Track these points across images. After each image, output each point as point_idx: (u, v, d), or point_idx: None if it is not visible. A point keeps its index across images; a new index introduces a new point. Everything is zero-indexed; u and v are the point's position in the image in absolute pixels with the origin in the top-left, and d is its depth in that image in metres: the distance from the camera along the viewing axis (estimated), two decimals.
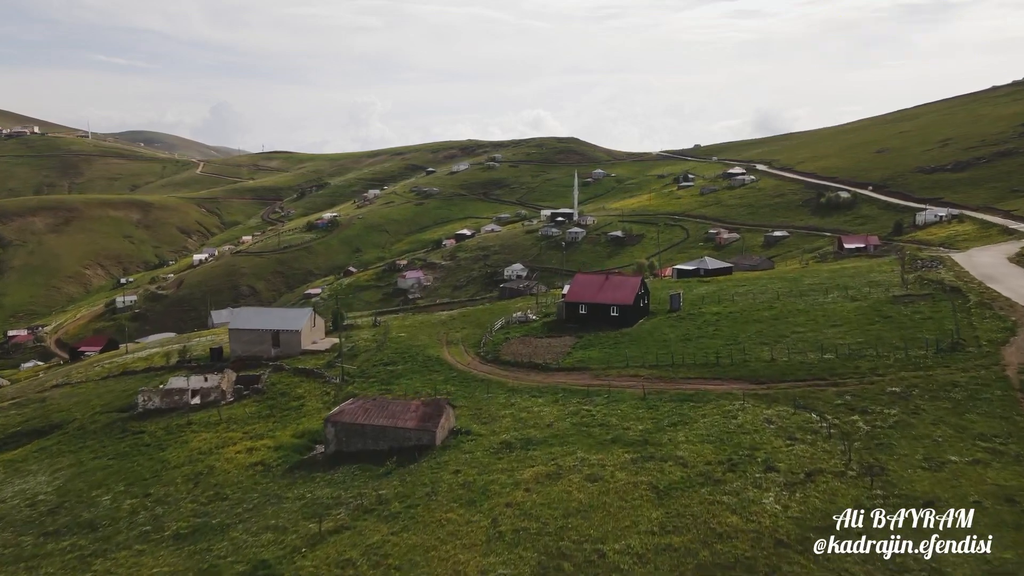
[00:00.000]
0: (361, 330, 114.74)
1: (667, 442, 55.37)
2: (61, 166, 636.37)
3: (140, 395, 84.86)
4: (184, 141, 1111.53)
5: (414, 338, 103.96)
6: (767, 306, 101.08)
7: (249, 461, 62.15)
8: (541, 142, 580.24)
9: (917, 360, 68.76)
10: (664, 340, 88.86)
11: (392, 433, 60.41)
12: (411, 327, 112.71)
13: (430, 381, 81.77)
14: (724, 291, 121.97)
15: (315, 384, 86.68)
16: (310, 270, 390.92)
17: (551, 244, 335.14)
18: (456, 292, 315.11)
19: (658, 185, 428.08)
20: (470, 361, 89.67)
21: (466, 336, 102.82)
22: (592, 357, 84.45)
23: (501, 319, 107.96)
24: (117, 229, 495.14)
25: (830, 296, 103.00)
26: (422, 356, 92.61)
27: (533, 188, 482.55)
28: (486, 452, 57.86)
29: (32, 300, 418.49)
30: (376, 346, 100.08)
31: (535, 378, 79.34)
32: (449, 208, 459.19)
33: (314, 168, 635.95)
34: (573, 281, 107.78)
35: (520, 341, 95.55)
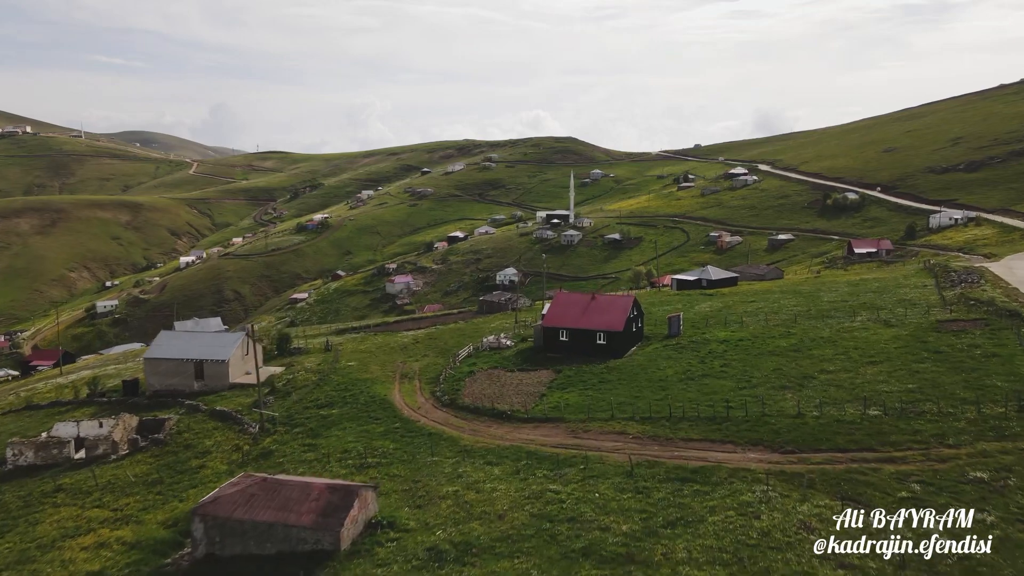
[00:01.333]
0: (309, 356, 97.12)
1: (660, 559, 37.73)
2: (52, 166, 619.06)
3: (9, 448, 67.32)
4: (182, 141, 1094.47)
5: (365, 368, 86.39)
6: (784, 331, 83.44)
7: (87, 570, 44.59)
8: (538, 142, 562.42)
9: (997, 422, 51.20)
10: (660, 378, 71.13)
11: (282, 532, 42.87)
12: (366, 353, 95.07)
13: (366, 434, 64.12)
14: (731, 308, 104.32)
15: (230, 433, 69.11)
16: (298, 274, 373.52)
17: (546, 247, 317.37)
18: (446, 297, 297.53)
19: (658, 186, 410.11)
20: (422, 403, 71.98)
21: (426, 367, 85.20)
22: (570, 402, 66.73)
23: (469, 345, 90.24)
24: (105, 231, 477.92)
25: (858, 319, 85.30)
26: (366, 395, 74.94)
27: (530, 189, 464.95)
28: (407, 564, 40.26)
29: (13, 304, 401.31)
30: (317, 379, 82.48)
31: (496, 432, 61.66)
32: (443, 209, 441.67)
33: (309, 168, 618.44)
34: (554, 300, 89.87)
35: (487, 376, 77.91)
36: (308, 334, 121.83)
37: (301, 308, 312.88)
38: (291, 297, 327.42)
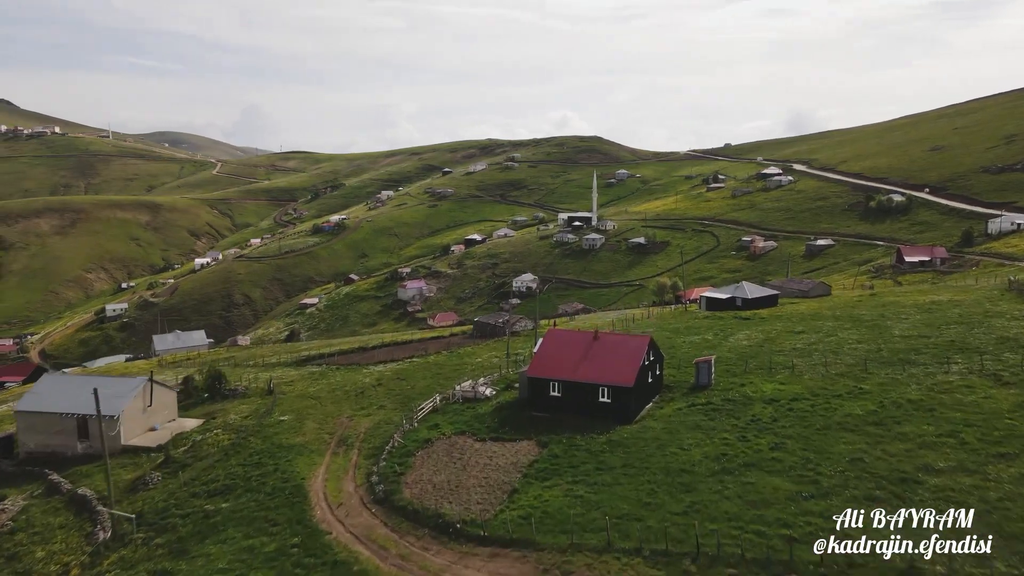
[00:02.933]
0: (245, 400, 76.22)
1: None
2: (78, 166, 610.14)
3: None
4: (211, 142, 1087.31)
5: (299, 426, 65.20)
6: (852, 386, 60.50)
7: None
8: (562, 141, 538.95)
9: None
10: (683, 466, 48.71)
11: None
12: (312, 400, 73.81)
13: (247, 556, 42.76)
14: (775, 342, 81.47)
15: (76, 537, 48.37)
16: (311, 277, 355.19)
17: (566, 252, 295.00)
18: (460, 305, 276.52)
19: (686, 187, 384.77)
20: (348, 496, 50.31)
21: (375, 428, 63.65)
22: (551, 508, 44.61)
23: (436, 396, 68.42)
24: (124, 231, 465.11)
25: (954, 370, 62.12)
26: (279, 477, 53.65)
27: (553, 189, 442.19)
28: None
29: (28, 306, 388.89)
30: (231, 443, 61.45)
31: (431, 566, 39.93)
32: (463, 210, 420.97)
33: (331, 168, 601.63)
34: (544, 340, 67.30)
35: (447, 448, 56.09)
36: (266, 359, 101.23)
37: (310, 314, 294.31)
38: (301, 302, 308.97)
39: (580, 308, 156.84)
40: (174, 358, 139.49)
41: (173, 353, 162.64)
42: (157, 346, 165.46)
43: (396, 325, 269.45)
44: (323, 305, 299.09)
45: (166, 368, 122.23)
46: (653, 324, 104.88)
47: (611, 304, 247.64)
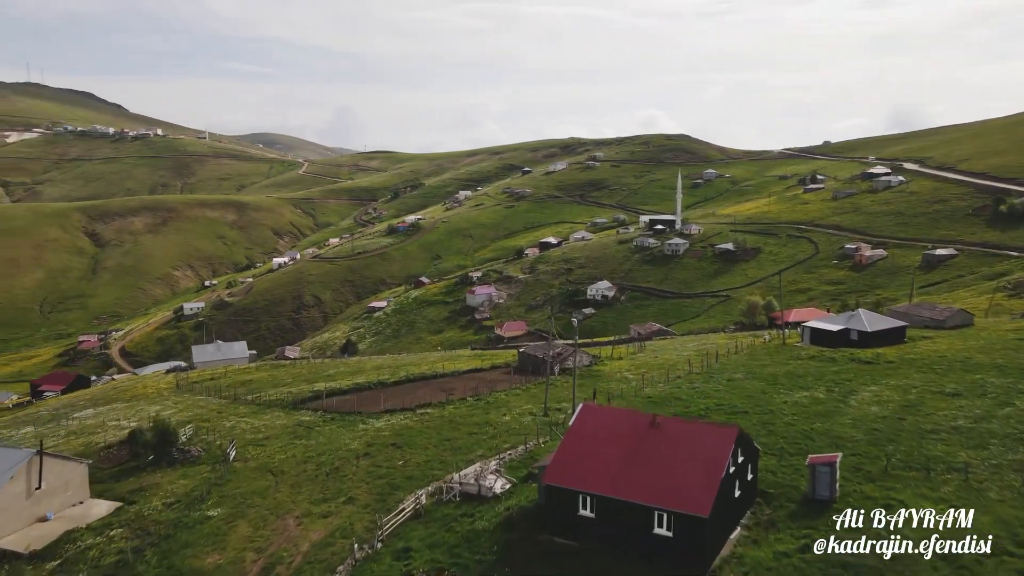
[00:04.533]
0: (190, 471, 57.12)
1: None
2: (176, 166, 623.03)
3: None
4: (303, 142, 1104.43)
5: (225, 531, 45.29)
6: None
7: None
8: (647, 140, 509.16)
9: None
10: None
11: None
12: (269, 477, 53.94)
13: None
14: (920, 410, 56.31)
15: None
16: (383, 279, 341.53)
17: (646, 257, 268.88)
18: (530, 313, 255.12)
19: (779, 187, 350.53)
20: None
21: (324, 541, 43.02)
22: None
23: (423, 493, 47.16)
24: (211, 230, 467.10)
25: None
26: None
27: (635, 190, 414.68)
28: None
29: (118, 302, 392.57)
30: (116, 562, 42.02)
31: None
32: (541, 211, 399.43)
33: (412, 168, 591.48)
34: (576, 422, 44.23)
35: None
36: (280, 390, 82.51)
37: (377, 318, 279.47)
38: (369, 306, 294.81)
39: (655, 330, 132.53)
40: (199, 376, 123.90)
41: (212, 366, 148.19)
42: (196, 357, 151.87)
43: (462, 333, 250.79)
44: (390, 309, 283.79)
45: (183, 391, 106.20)
46: (742, 365, 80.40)
47: (695, 316, 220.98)
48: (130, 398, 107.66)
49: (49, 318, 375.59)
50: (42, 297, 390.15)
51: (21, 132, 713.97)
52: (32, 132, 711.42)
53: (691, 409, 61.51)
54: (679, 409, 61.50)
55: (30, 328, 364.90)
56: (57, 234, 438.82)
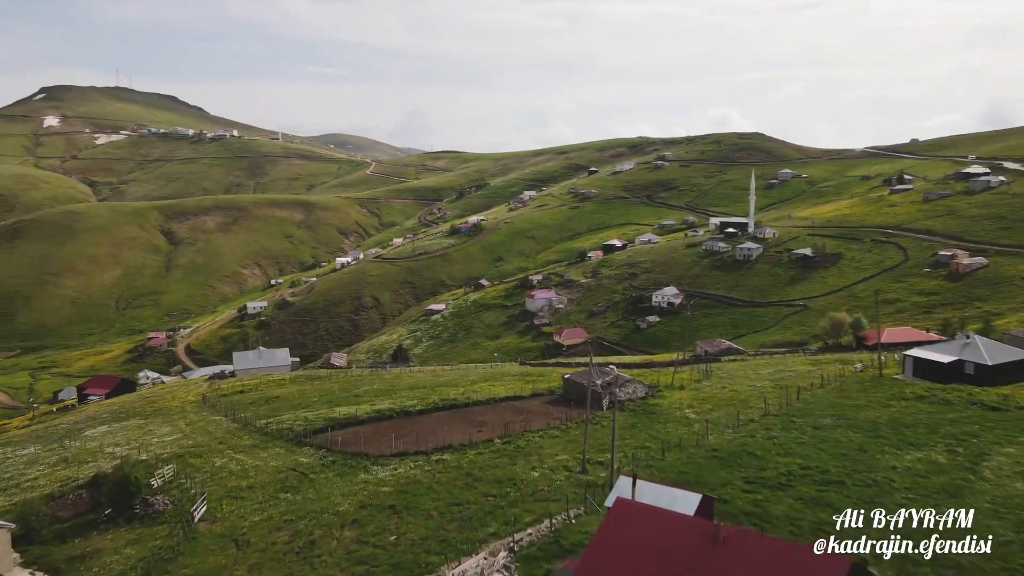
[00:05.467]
0: (144, 533, 47.03)
1: None
2: (249, 167, 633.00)
3: None
4: (374, 143, 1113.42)
5: None
6: None
7: None
8: (719, 138, 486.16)
9: None
10: None
11: None
12: (227, 547, 43.29)
13: None
14: None
15: None
16: (443, 280, 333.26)
17: (716, 262, 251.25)
18: (591, 320, 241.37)
19: (862, 188, 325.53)
20: None
21: None
22: None
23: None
24: (279, 229, 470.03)
25: None
26: None
27: (706, 191, 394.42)
28: None
29: (188, 299, 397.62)
30: None
31: None
32: (607, 212, 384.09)
33: (478, 168, 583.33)
34: (605, 527, 31.37)
35: None
36: (297, 412, 72.51)
37: (435, 322, 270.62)
38: (427, 308, 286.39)
39: (724, 348, 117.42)
40: (230, 387, 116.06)
41: (253, 374, 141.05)
42: (236, 364, 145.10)
43: (520, 339, 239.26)
44: (448, 313, 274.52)
45: (205, 407, 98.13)
46: (830, 405, 65.74)
47: (768, 327, 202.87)
48: (151, 413, 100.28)
49: (124, 314, 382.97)
50: (118, 294, 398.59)
51: (109, 134, 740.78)
52: (119, 134, 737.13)
53: (767, 472, 47.77)
54: (752, 471, 47.84)
55: (105, 324, 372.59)
56: (135, 232, 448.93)
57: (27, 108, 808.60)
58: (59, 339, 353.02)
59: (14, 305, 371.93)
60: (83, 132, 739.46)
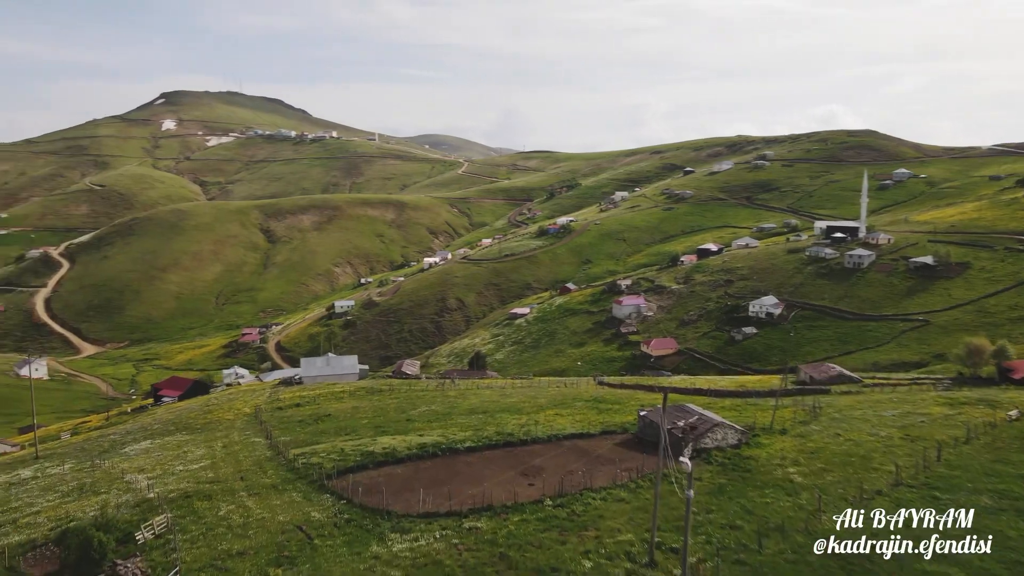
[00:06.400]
0: None
1: None
2: (346, 167, 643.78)
3: None
4: (468, 143, 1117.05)
5: None
6: None
7: None
8: (825, 137, 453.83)
9: None
10: None
11: None
12: None
13: None
14: None
15: None
16: (528, 283, 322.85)
17: (822, 270, 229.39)
18: (682, 329, 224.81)
19: (991, 190, 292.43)
20: None
21: None
22: None
23: None
24: (371, 228, 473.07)
25: None
26: None
27: (810, 192, 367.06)
28: None
29: (282, 296, 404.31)
30: None
31: None
32: (702, 215, 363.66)
33: (570, 168, 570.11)
34: None
35: None
36: (294, 458, 63.32)
37: (518, 326, 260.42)
38: (511, 312, 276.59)
39: (834, 375, 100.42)
40: (290, 398, 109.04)
41: (321, 381, 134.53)
42: (304, 371, 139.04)
43: (605, 348, 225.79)
44: (532, 317, 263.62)
45: (256, 420, 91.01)
46: (983, 471, 50.17)
47: (881, 344, 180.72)
48: (201, 427, 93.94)
49: (222, 310, 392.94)
50: (218, 289, 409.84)
51: (220, 136, 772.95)
52: (229, 136, 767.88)
53: None
54: None
55: (205, 318, 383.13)
56: (237, 230, 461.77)
57: (148, 112, 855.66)
58: (163, 332, 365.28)
59: (124, 298, 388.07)
60: (196, 134, 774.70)
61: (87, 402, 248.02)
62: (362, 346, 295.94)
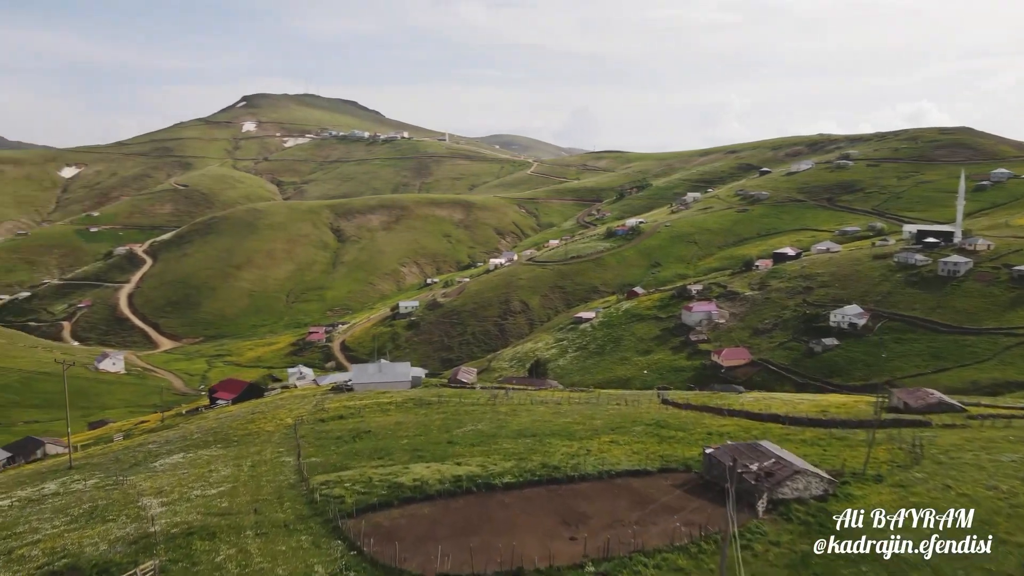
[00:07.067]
0: None
1: None
2: (416, 167, 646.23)
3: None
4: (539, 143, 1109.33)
5: None
6: None
7: None
8: (916, 135, 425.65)
9: None
10: None
11: None
12: None
13: None
14: None
15: None
16: (595, 286, 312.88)
17: (912, 278, 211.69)
18: (755, 338, 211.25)
19: None
20: None
21: None
22: None
23: None
24: (438, 228, 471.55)
25: None
26: None
27: (898, 194, 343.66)
28: None
29: (350, 295, 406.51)
30: None
31: None
32: (779, 217, 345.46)
33: (640, 168, 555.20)
34: None
35: None
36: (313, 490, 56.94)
37: (582, 331, 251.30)
38: (575, 316, 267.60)
39: (933, 402, 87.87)
40: (336, 408, 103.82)
41: (372, 388, 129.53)
42: (355, 378, 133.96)
43: (673, 357, 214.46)
44: (597, 322, 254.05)
45: (293, 434, 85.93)
46: None
47: (980, 361, 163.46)
48: (239, 438, 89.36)
49: (292, 308, 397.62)
50: (289, 287, 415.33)
51: (296, 137, 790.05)
52: (304, 137, 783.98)
53: None
54: None
55: (276, 316, 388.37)
56: (308, 230, 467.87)
57: (230, 115, 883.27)
58: (235, 329, 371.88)
59: (201, 295, 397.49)
60: (274, 136, 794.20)
61: (158, 397, 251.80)
62: (424, 348, 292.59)
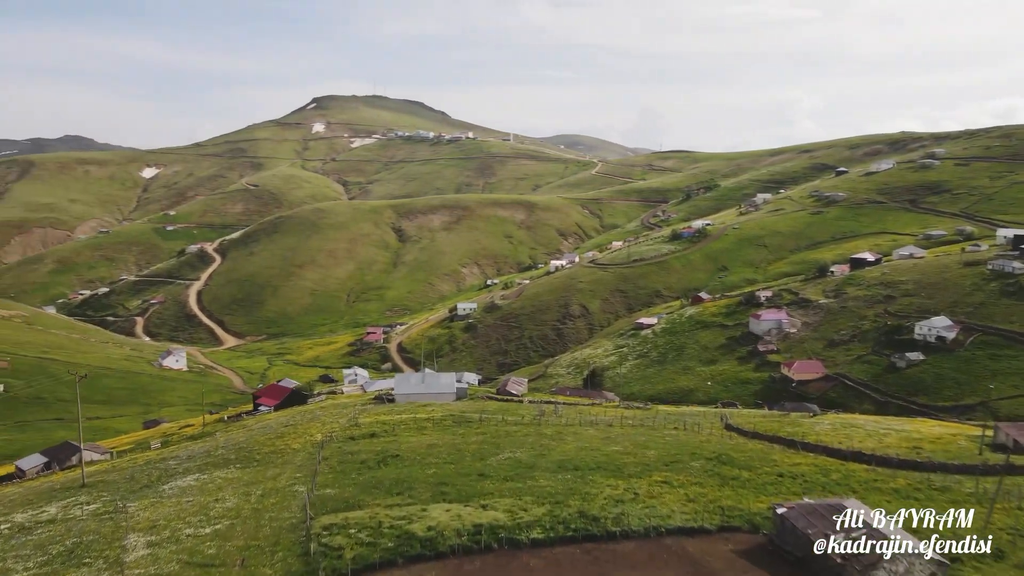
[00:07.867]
0: None
1: None
2: (480, 167, 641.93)
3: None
4: (605, 143, 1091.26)
5: None
6: None
7: None
8: (1010, 132, 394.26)
9: None
10: None
11: None
12: None
13: None
14: None
15: None
16: (658, 291, 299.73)
17: (1009, 287, 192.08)
18: (830, 351, 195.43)
19: None
20: None
21: None
22: None
23: None
24: (500, 229, 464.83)
25: None
26: None
27: (990, 196, 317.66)
28: None
29: (409, 295, 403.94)
30: None
31: None
32: (856, 219, 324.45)
33: (708, 168, 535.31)
34: None
35: None
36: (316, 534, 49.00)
37: (643, 337, 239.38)
38: (637, 322, 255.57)
39: None
40: (374, 422, 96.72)
41: (415, 399, 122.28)
42: (397, 389, 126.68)
43: (740, 367, 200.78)
44: (660, 328, 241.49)
45: (317, 455, 79.05)
46: None
47: None
48: (262, 457, 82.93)
49: (352, 307, 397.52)
50: (350, 287, 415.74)
51: (363, 138, 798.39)
52: (371, 138, 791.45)
53: None
54: None
55: (336, 315, 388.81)
56: (370, 229, 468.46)
57: (300, 116, 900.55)
58: (296, 327, 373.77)
59: (265, 294, 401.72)
60: (342, 136, 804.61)
61: (218, 395, 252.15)
62: (481, 351, 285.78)
